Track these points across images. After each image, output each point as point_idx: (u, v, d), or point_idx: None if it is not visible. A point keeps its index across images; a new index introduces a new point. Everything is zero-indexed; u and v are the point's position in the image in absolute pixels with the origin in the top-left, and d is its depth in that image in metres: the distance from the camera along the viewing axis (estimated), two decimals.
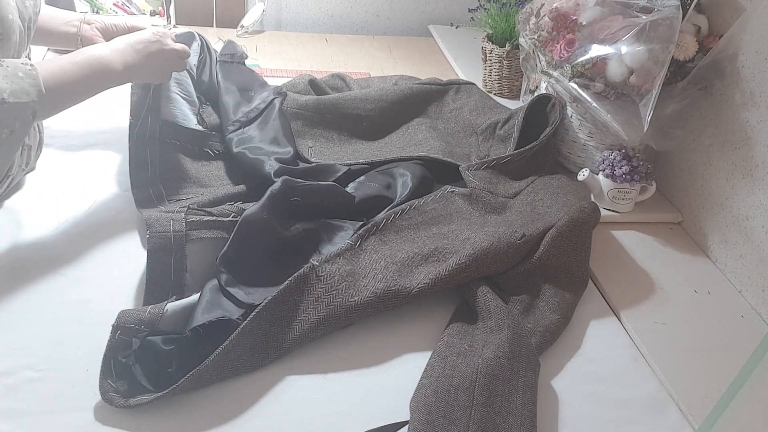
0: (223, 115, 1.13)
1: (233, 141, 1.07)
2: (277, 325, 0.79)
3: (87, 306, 0.82)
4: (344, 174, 1.06)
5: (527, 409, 0.73)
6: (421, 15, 1.91)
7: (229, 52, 1.27)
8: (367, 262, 0.88)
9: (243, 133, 1.10)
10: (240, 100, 1.17)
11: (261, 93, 1.19)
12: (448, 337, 0.82)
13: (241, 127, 1.11)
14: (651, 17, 1.02)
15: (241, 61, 1.28)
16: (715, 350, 0.90)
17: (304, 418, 0.72)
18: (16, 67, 0.78)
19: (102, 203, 0.99)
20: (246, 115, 1.13)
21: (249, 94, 1.19)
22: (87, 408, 0.70)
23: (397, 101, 1.25)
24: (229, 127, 1.11)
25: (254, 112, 1.14)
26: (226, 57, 1.25)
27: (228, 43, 1.30)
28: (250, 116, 1.13)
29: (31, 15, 0.90)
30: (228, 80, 1.20)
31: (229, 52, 1.27)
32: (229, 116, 1.12)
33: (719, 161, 1.08)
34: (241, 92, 1.18)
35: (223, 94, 1.16)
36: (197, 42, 1.20)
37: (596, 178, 1.12)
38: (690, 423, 0.79)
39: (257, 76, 1.26)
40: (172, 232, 0.84)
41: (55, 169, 1.05)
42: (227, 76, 1.21)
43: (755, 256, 1.00)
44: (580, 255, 0.96)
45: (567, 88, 1.11)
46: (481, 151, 1.18)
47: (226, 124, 1.11)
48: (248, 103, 1.17)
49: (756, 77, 1.00)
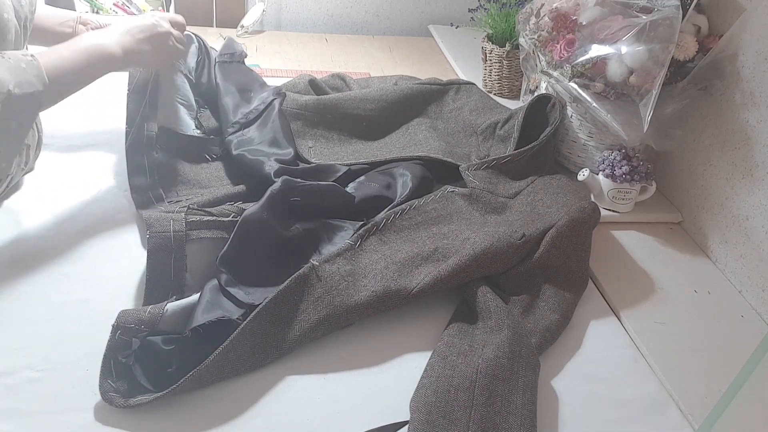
0: (223, 117, 1.13)
1: (232, 143, 1.07)
2: (277, 325, 0.79)
3: (87, 306, 0.82)
4: (344, 174, 1.06)
5: (527, 409, 0.73)
6: (421, 15, 1.91)
7: (228, 52, 1.25)
8: (367, 262, 0.88)
9: (242, 135, 1.10)
10: (239, 101, 1.16)
11: (260, 93, 1.19)
12: (448, 337, 0.82)
13: (240, 128, 1.11)
14: (651, 17, 1.02)
15: (241, 60, 1.27)
16: (715, 350, 0.90)
17: (304, 418, 0.72)
18: (18, 59, 0.79)
19: (102, 203, 0.99)
20: (245, 117, 1.13)
21: (248, 95, 1.19)
22: (87, 408, 0.70)
23: (397, 101, 1.25)
24: (228, 129, 1.10)
25: (253, 114, 1.14)
26: (225, 57, 1.24)
27: (228, 42, 1.28)
28: (249, 117, 1.13)
29: (27, 14, 0.90)
30: (227, 81, 1.19)
31: (228, 52, 1.25)
32: (229, 118, 1.12)
33: (719, 161, 1.08)
34: (240, 93, 1.18)
35: (222, 96, 1.16)
36: (195, 44, 1.20)
37: (596, 178, 1.12)
38: (690, 423, 0.79)
39: (257, 76, 1.26)
40: (172, 232, 0.84)
41: (55, 170, 1.05)
42: (226, 76, 1.20)
43: (755, 256, 1.00)
44: (580, 255, 0.96)
45: (567, 88, 1.11)
46: (481, 151, 1.18)
47: (225, 126, 1.11)
48: (247, 104, 1.16)
49: (756, 77, 1.00)
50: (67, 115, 1.19)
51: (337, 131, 1.19)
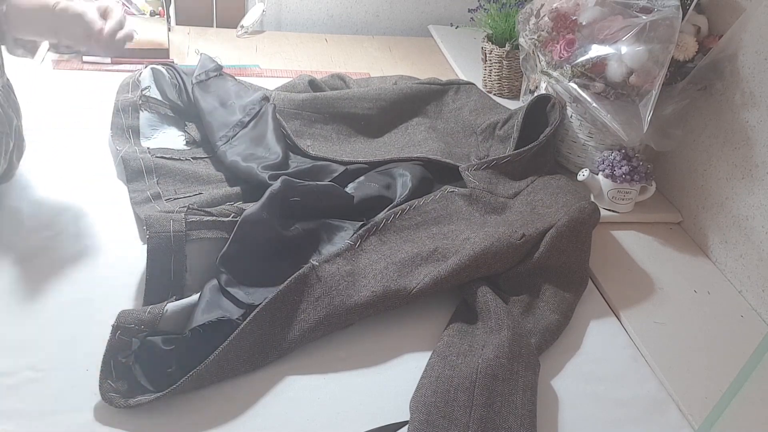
0: (210, 135, 1.13)
1: (225, 153, 1.07)
2: (276, 326, 0.79)
3: (87, 306, 0.82)
4: (343, 174, 1.06)
5: (527, 409, 0.73)
6: (421, 15, 1.91)
7: (203, 70, 1.24)
8: (367, 263, 0.88)
9: (231, 145, 1.10)
10: (223, 114, 1.16)
11: (240, 102, 1.19)
12: (448, 337, 0.82)
13: (228, 140, 1.11)
14: (651, 17, 1.02)
15: (217, 74, 1.25)
16: (715, 350, 0.90)
17: (304, 418, 0.72)
18: None
19: (102, 203, 0.99)
20: (232, 130, 1.13)
21: (230, 105, 1.19)
22: (87, 408, 0.70)
23: (396, 100, 1.25)
24: (218, 143, 1.10)
25: (239, 126, 1.14)
26: (201, 76, 1.23)
27: (201, 60, 1.27)
28: (236, 131, 1.13)
29: None
30: (207, 99, 1.18)
31: (203, 70, 1.24)
32: (216, 135, 1.12)
33: (719, 161, 1.08)
34: (222, 106, 1.18)
35: (205, 115, 1.15)
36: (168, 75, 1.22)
37: (596, 178, 1.12)
38: (690, 423, 0.79)
39: (231, 86, 1.24)
40: (171, 232, 0.84)
41: (55, 170, 1.05)
42: (205, 94, 1.19)
43: (755, 256, 1.00)
44: (580, 255, 0.96)
45: (567, 88, 1.11)
46: (480, 152, 1.18)
47: (214, 141, 1.11)
48: (232, 115, 1.16)
49: (756, 77, 1.00)
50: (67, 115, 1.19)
51: (335, 130, 1.20)
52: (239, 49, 1.62)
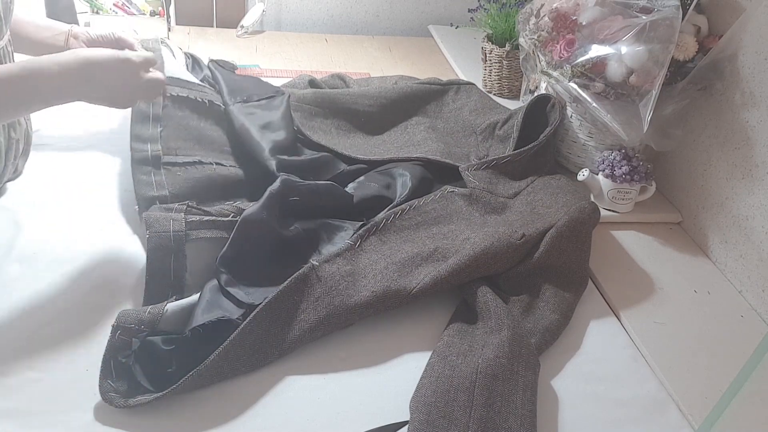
0: (223, 95, 1.15)
1: (234, 113, 1.08)
2: (276, 326, 0.79)
3: (87, 306, 0.82)
4: (343, 173, 1.06)
5: (527, 409, 0.73)
6: (421, 15, 1.91)
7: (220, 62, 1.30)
8: (367, 262, 0.88)
9: (245, 106, 1.12)
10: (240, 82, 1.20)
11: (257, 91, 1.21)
12: (448, 337, 0.82)
13: (243, 102, 1.13)
14: (651, 17, 1.02)
15: (232, 70, 1.31)
16: (715, 350, 0.90)
17: (304, 418, 0.72)
18: None
19: (102, 203, 0.99)
20: (249, 97, 1.15)
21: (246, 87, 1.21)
22: (87, 408, 0.70)
23: (397, 99, 1.26)
24: (229, 101, 1.12)
25: (256, 97, 1.16)
26: (219, 62, 1.29)
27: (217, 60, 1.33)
28: (251, 99, 1.15)
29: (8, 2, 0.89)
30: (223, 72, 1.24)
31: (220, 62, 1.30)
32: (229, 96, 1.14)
33: (719, 161, 1.08)
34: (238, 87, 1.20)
35: (220, 80, 1.19)
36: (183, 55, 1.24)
37: (596, 178, 1.12)
38: (690, 423, 0.79)
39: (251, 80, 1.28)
40: (171, 232, 0.84)
41: (55, 169, 1.05)
42: (222, 69, 1.25)
43: (755, 256, 1.00)
44: (580, 255, 0.96)
45: (567, 88, 1.11)
46: (480, 151, 1.18)
47: (226, 99, 1.13)
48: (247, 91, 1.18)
49: (756, 77, 1.00)
50: (67, 115, 1.19)
51: (335, 125, 1.20)
52: (239, 49, 1.62)
